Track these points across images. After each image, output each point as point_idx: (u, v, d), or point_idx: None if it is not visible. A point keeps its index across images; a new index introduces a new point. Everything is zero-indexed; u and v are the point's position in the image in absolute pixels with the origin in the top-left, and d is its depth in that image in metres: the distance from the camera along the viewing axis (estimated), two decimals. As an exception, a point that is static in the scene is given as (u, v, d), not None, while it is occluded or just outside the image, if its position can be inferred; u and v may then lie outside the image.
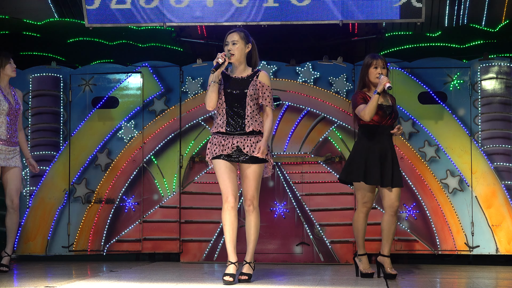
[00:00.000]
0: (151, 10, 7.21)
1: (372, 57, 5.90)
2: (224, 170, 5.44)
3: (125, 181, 7.63)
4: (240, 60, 5.52)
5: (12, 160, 6.56)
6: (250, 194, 5.47)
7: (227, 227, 5.44)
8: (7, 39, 8.94)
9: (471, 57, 7.83)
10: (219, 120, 5.51)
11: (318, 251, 7.44)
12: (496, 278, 6.22)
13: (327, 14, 7.08)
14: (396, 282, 5.64)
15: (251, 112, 5.46)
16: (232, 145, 5.44)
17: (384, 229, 5.88)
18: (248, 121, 5.44)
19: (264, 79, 5.52)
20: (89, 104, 7.75)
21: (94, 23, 7.29)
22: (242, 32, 5.55)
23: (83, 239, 7.62)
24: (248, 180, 5.47)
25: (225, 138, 5.47)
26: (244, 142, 5.44)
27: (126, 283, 5.40)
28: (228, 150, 5.43)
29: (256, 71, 5.56)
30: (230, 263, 5.43)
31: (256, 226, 5.51)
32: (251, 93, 5.45)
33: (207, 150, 5.56)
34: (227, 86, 5.50)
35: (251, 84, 5.48)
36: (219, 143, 5.47)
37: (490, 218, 7.29)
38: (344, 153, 7.47)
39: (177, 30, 9.04)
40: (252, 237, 5.51)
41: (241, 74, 5.55)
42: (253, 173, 5.46)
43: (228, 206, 5.42)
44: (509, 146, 7.34)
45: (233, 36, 5.50)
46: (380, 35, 8.98)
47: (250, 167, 5.46)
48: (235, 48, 5.47)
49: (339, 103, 7.53)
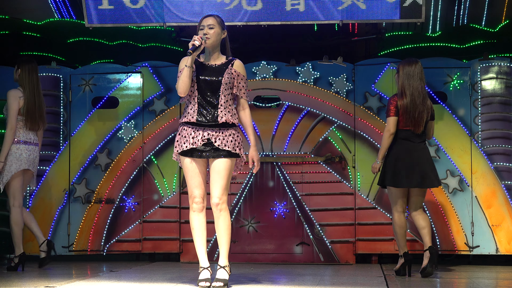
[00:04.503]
0: (151, 10, 7.21)
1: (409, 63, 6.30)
2: (193, 169, 5.10)
3: (125, 181, 7.63)
4: (215, 45, 5.15)
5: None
6: (218, 192, 5.05)
7: (197, 231, 5.12)
8: (7, 39, 8.94)
9: (471, 57, 7.83)
10: (189, 109, 5.11)
11: (318, 251, 7.44)
12: (496, 278, 6.22)
13: (327, 14, 7.08)
14: (396, 282, 5.64)
15: (225, 102, 5.09)
16: (203, 138, 5.06)
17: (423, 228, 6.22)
18: (222, 111, 5.06)
19: (239, 69, 5.18)
20: (89, 104, 7.75)
21: (94, 23, 7.29)
22: (218, 17, 5.21)
23: (83, 239, 7.62)
24: (218, 176, 5.06)
25: (196, 129, 5.09)
26: (216, 135, 5.06)
27: (126, 283, 5.40)
28: (198, 143, 5.05)
29: (230, 59, 5.20)
30: (203, 268, 5.09)
31: (226, 227, 5.11)
32: (226, 81, 5.09)
33: (175, 143, 5.16)
34: (200, 73, 5.12)
35: (226, 72, 5.11)
36: (189, 135, 5.08)
37: (490, 218, 7.29)
38: (344, 153, 7.47)
39: (177, 30, 9.05)
40: (223, 239, 5.10)
41: (215, 61, 5.18)
42: (223, 169, 5.05)
43: (197, 208, 5.11)
44: (509, 146, 7.34)
45: (209, 20, 5.14)
46: (380, 35, 8.99)
47: (220, 162, 5.06)
48: (212, 32, 5.10)
49: (339, 103, 7.53)
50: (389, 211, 7.38)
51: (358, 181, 7.44)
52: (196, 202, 5.11)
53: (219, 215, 5.09)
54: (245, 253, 7.46)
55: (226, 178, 5.08)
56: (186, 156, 5.11)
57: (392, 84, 7.41)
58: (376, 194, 7.41)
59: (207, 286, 4.98)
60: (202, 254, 5.12)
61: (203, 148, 5.07)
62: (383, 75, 7.51)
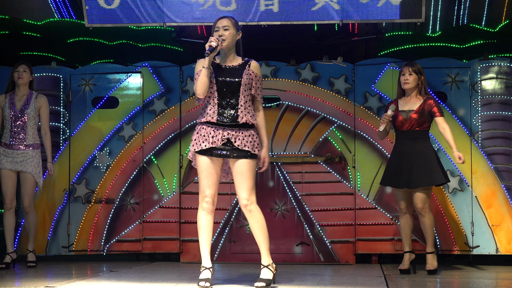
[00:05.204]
0: (151, 9, 7.21)
1: (403, 65, 6.47)
2: (209, 169, 5.11)
3: (125, 181, 7.63)
4: (230, 46, 5.17)
5: (21, 164, 6.87)
6: (245, 193, 5.11)
7: (203, 230, 5.10)
8: (7, 39, 8.94)
9: (471, 57, 7.83)
10: (208, 110, 5.11)
11: (318, 251, 7.44)
12: (496, 278, 6.22)
13: (327, 14, 7.08)
14: (396, 282, 5.64)
15: (245, 103, 5.12)
16: (223, 137, 5.07)
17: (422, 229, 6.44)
18: (242, 111, 5.09)
19: (256, 69, 5.22)
20: (89, 104, 7.75)
21: (94, 23, 7.29)
22: (233, 18, 5.23)
23: (83, 239, 7.62)
24: (242, 178, 5.11)
25: (216, 129, 5.10)
26: (235, 135, 5.08)
27: (126, 283, 5.40)
28: (218, 143, 5.07)
29: (246, 60, 5.24)
30: (205, 268, 5.10)
31: (260, 226, 5.13)
32: (245, 82, 5.12)
33: (192, 141, 5.16)
34: (218, 74, 5.11)
35: (244, 73, 5.14)
36: (208, 134, 5.09)
37: (490, 218, 7.29)
38: (344, 153, 7.47)
39: (177, 30, 9.05)
40: (261, 238, 5.13)
41: (232, 63, 5.20)
42: (246, 170, 5.10)
43: (206, 208, 5.11)
44: (509, 146, 7.34)
45: (224, 22, 5.15)
46: (380, 35, 8.99)
47: (242, 163, 5.10)
48: (227, 34, 5.12)
49: (339, 103, 7.53)
50: (389, 211, 7.38)
51: (358, 181, 7.44)
52: (207, 202, 5.11)
53: (250, 216, 5.14)
54: (245, 253, 7.46)
55: (251, 179, 5.14)
56: (203, 155, 5.12)
57: (392, 84, 7.41)
58: (376, 194, 7.41)
59: (206, 287, 4.98)
60: (205, 254, 5.12)
61: (223, 147, 5.09)
62: (383, 75, 7.51)
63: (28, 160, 6.89)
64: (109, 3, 7.22)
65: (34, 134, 6.95)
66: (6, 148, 6.86)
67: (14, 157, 6.85)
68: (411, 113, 6.34)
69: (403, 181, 6.30)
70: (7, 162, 6.84)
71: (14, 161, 6.85)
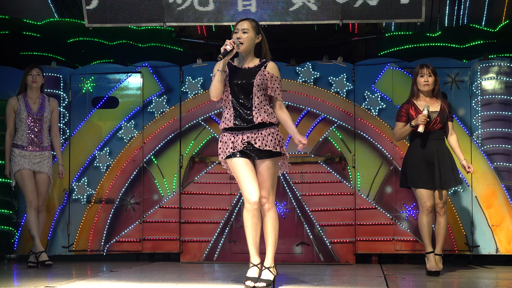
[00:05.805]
0: (151, 9, 7.21)
1: (420, 66, 6.40)
2: (243, 168, 5.07)
3: (125, 181, 7.63)
4: (248, 50, 5.15)
5: (38, 165, 7.02)
6: (264, 192, 5.09)
7: (249, 229, 5.10)
8: (7, 39, 8.94)
9: (471, 57, 7.83)
10: (226, 114, 5.14)
11: (318, 251, 7.44)
12: (496, 278, 6.22)
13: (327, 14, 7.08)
14: (396, 282, 5.64)
15: (259, 103, 5.09)
16: (243, 141, 5.08)
17: (435, 229, 6.44)
18: (256, 112, 5.07)
19: (273, 70, 5.16)
20: (89, 104, 7.75)
21: (94, 23, 7.29)
22: (254, 21, 5.18)
23: (83, 239, 7.62)
24: (262, 177, 5.09)
25: (234, 134, 5.12)
26: (255, 137, 5.07)
27: (126, 283, 5.40)
28: (238, 147, 5.08)
29: (264, 61, 5.19)
30: (253, 265, 5.12)
31: (274, 227, 5.16)
32: (258, 83, 5.09)
33: (219, 150, 5.20)
34: (233, 77, 5.13)
35: (258, 74, 5.11)
36: (229, 140, 5.12)
37: (490, 218, 7.29)
38: (344, 153, 7.47)
39: (177, 30, 9.04)
40: (270, 239, 5.16)
41: (248, 64, 5.18)
42: (265, 170, 5.09)
43: (251, 207, 5.06)
44: (509, 146, 7.34)
45: (244, 24, 5.12)
46: (380, 35, 8.98)
47: (264, 162, 5.09)
48: (245, 37, 5.10)
49: (339, 103, 7.53)
50: (389, 211, 7.39)
51: (358, 181, 7.44)
52: (251, 202, 5.06)
53: (266, 215, 5.15)
54: (245, 253, 7.40)
55: (270, 178, 5.12)
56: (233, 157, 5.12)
57: (392, 84, 7.41)
58: (376, 194, 7.41)
59: (251, 287, 5.01)
60: (253, 252, 5.13)
61: (249, 152, 5.09)
62: (383, 75, 7.51)
63: (44, 161, 7.05)
64: (109, 3, 7.21)
65: (48, 136, 7.13)
66: (22, 150, 6.98)
67: (31, 159, 6.99)
68: (436, 114, 6.30)
69: (437, 182, 6.25)
70: (25, 163, 6.97)
71: (32, 162, 6.99)
